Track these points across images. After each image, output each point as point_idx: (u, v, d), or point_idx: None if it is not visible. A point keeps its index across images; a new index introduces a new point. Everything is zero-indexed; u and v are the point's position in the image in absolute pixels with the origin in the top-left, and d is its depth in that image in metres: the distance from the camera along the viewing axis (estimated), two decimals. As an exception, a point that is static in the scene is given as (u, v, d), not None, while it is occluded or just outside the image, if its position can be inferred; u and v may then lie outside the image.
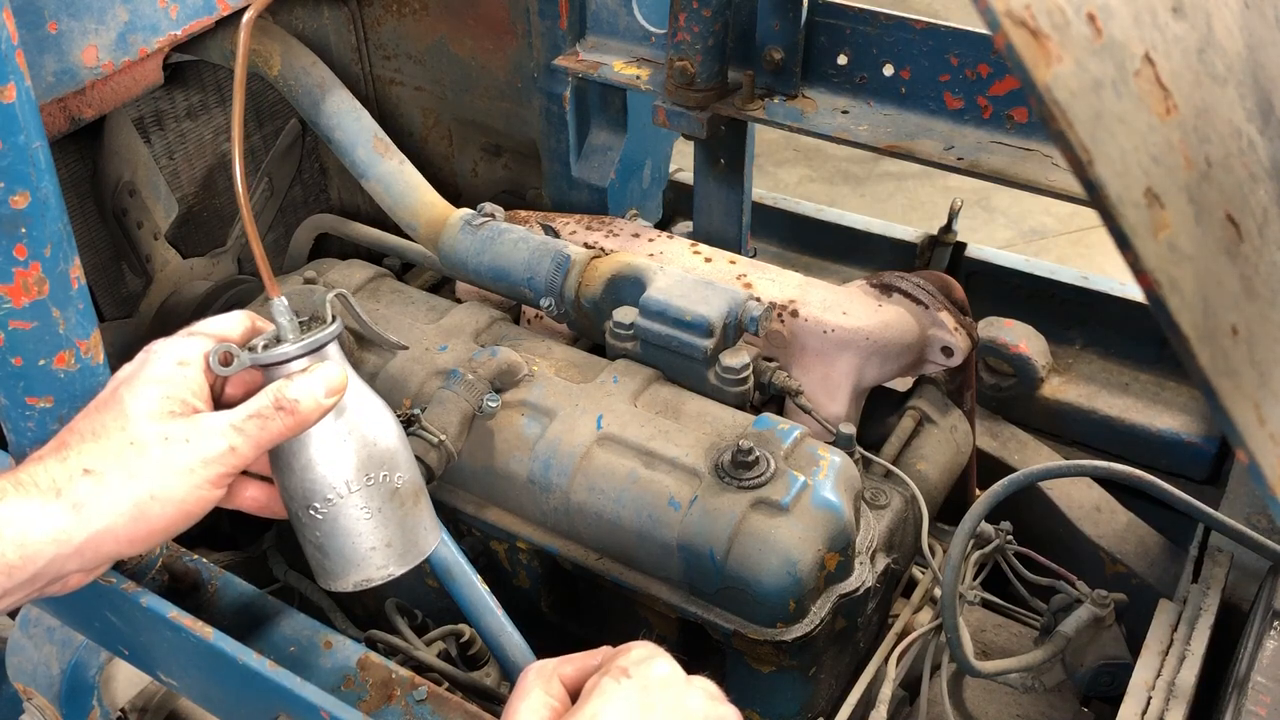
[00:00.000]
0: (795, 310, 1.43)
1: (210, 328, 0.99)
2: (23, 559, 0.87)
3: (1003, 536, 1.44)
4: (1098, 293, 1.76)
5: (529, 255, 1.42)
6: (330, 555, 0.97)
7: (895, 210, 4.05)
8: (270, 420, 0.92)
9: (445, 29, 1.79)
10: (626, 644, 0.91)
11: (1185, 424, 1.68)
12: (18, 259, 0.93)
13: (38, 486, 0.88)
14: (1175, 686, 1.10)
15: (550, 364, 1.35)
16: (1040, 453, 1.68)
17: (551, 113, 1.73)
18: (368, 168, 1.53)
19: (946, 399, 1.53)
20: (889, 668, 1.30)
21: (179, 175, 1.75)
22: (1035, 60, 0.57)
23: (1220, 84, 0.73)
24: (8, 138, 0.88)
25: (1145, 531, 1.59)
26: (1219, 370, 0.66)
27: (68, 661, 1.27)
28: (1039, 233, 4.01)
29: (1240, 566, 1.24)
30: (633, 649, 0.89)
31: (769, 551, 1.14)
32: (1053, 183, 1.36)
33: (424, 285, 1.78)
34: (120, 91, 1.42)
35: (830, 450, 1.22)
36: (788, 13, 1.48)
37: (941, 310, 1.44)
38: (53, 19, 1.24)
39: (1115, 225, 0.60)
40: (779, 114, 1.52)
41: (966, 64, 1.42)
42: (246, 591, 1.15)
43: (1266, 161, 0.78)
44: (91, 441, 0.91)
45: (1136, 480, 1.22)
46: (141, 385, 0.93)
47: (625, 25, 1.65)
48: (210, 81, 1.73)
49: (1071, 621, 1.32)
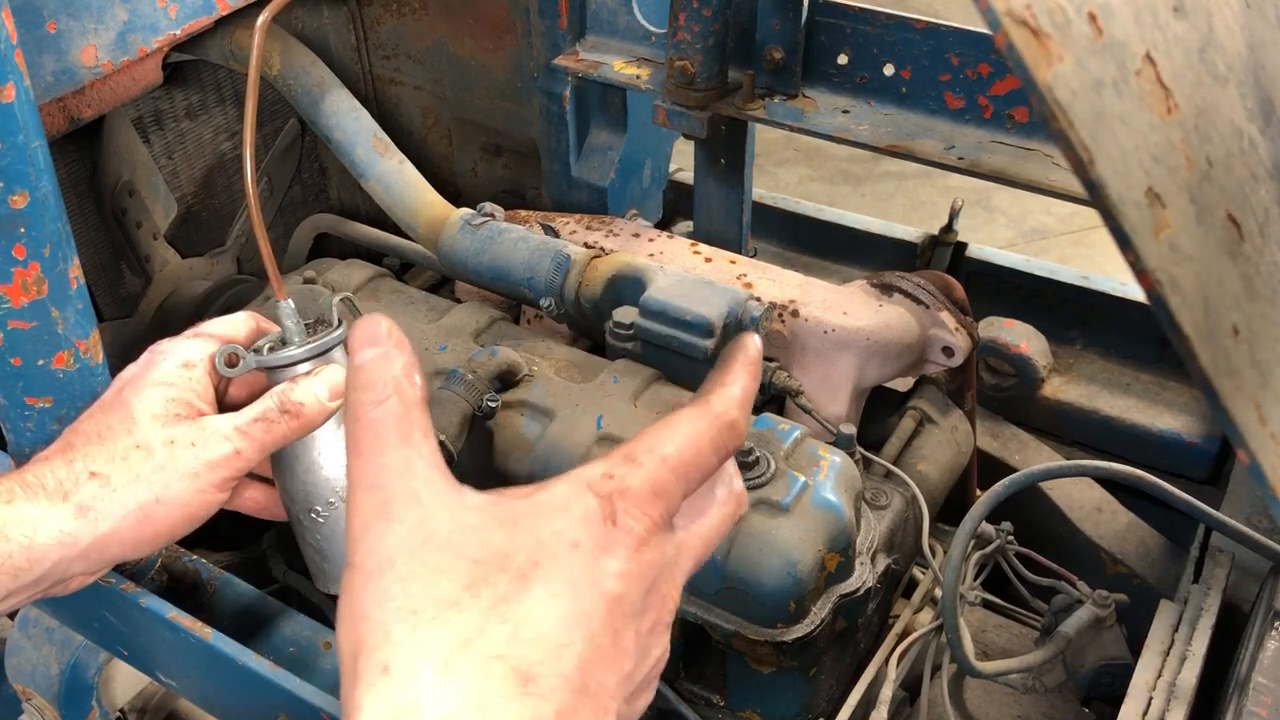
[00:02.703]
0: (795, 310, 1.42)
1: (215, 329, 0.99)
2: (29, 561, 0.87)
3: (1003, 537, 1.43)
4: (1098, 293, 1.75)
5: (529, 255, 1.42)
6: (330, 559, 0.97)
7: (896, 210, 4.05)
8: (275, 424, 0.92)
9: (445, 29, 1.79)
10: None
11: (1186, 424, 1.68)
12: (17, 259, 0.93)
13: (44, 489, 0.89)
14: (1176, 687, 1.10)
15: (550, 364, 1.35)
16: (1041, 453, 1.68)
17: (551, 112, 1.73)
18: (367, 167, 1.53)
19: (947, 399, 1.53)
20: (889, 668, 1.30)
21: (178, 175, 1.75)
22: (1036, 60, 0.57)
23: (1221, 83, 0.73)
24: (7, 137, 0.88)
25: (1146, 532, 1.59)
26: (1220, 370, 0.66)
27: (67, 662, 1.27)
28: (1040, 233, 4.01)
29: (1241, 567, 1.24)
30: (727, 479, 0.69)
31: (769, 552, 1.13)
32: (1053, 182, 1.36)
33: (424, 285, 1.78)
34: (119, 91, 1.42)
35: (831, 450, 1.22)
36: (788, 12, 1.48)
37: (942, 310, 1.44)
38: (52, 19, 1.24)
39: (1116, 225, 0.60)
40: (779, 114, 1.52)
41: (967, 64, 1.42)
42: (246, 592, 1.15)
43: (1268, 161, 0.78)
44: (97, 444, 0.91)
45: (1137, 480, 1.22)
46: (147, 387, 0.93)
47: (625, 25, 1.65)
48: (210, 81, 1.73)
49: (1072, 622, 1.32)
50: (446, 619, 0.55)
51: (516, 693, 0.54)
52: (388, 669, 0.54)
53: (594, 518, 0.59)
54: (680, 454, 0.63)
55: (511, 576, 0.57)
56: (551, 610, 0.56)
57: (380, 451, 0.61)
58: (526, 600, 0.56)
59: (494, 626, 0.55)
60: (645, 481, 0.61)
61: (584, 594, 0.57)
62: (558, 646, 0.56)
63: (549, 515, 0.60)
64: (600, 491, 0.61)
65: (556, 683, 0.55)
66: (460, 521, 0.59)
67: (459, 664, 0.54)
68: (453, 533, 0.58)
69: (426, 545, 0.57)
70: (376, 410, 0.61)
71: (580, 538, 0.59)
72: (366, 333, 0.64)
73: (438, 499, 0.59)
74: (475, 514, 0.60)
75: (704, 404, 0.65)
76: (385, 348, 0.63)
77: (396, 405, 0.62)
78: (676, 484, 0.63)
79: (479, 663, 0.54)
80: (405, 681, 0.54)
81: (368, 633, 0.56)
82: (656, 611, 0.62)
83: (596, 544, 0.59)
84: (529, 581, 0.57)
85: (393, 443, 0.61)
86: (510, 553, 0.58)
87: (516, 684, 0.54)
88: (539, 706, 0.54)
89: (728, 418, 0.65)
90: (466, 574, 0.56)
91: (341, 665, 0.58)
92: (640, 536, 0.60)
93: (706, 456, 0.64)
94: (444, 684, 0.53)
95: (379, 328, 0.64)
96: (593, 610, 0.57)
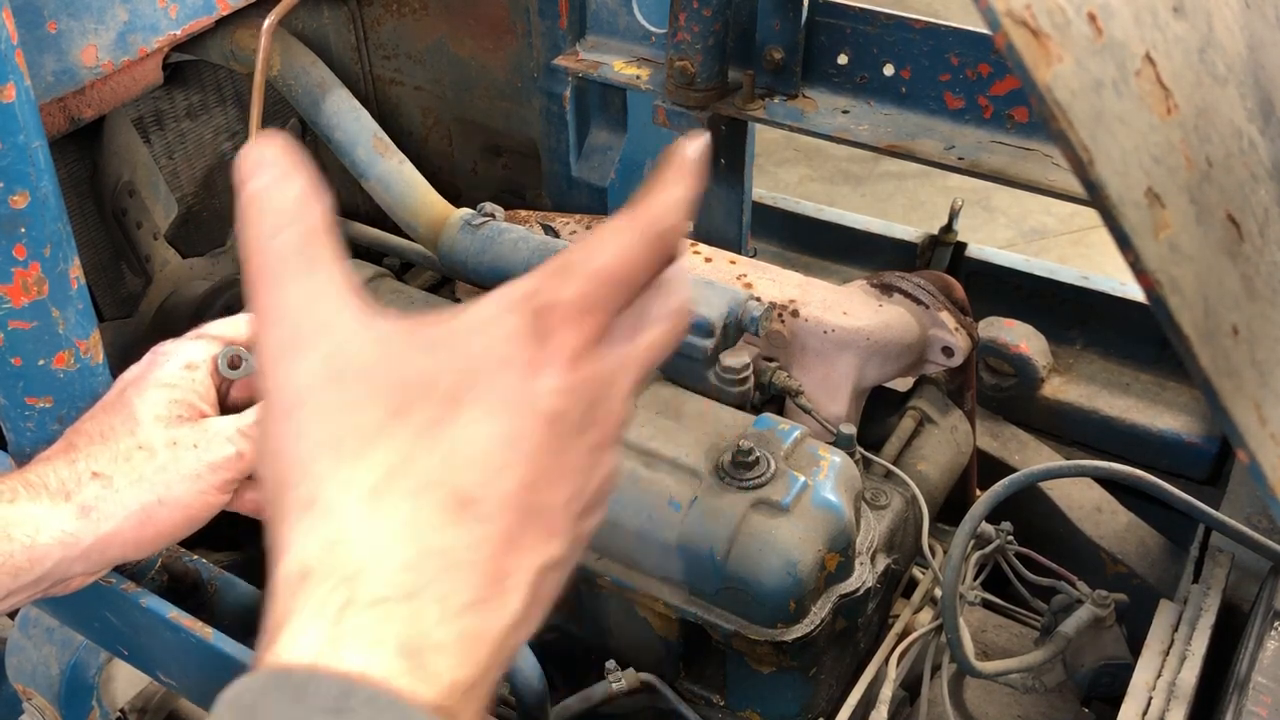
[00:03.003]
0: (795, 310, 1.43)
1: (217, 330, 0.99)
2: (30, 560, 0.87)
3: (1003, 537, 1.43)
4: (1098, 293, 1.75)
5: (529, 255, 1.42)
6: None
7: (895, 210, 4.04)
8: None
9: (445, 29, 1.79)
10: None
11: (1186, 424, 1.68)
12: (17, 259, 0.93)
13: (47, 489, 0.89)
14: (1176, 687, 1.10)
15: (550, 364, 1.35)
16: (1041, 453, 1.68)
17: (551, 113, 1.73)
18: (367, 167, 1.53)
19: (947, 399, 1.53)
20: (889, 668, 1.30)
21: (179, 175, 1.75)
22: (1036, 60, 0.57)
23: (1221, 84, 0.73)
24: (7, 138, 0.88)
25: (1146, 532, 1.59)
26: (1220, 370, 0.66)
27: (67, 662, 1.27)
28: (1039, 233, 4.01)
29: (1241, 567, 1.24)
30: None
31: (769, 552, 1.13)
32: (1053, 182, 1.36)
33: (424, 285, 1.78)
34: (120, 91, 1.42)
35: (830, 450, 1.22)
36: (788, 12, 1.48)
37: (942, 310, 1.44)
38: (52, 19, 1.24)
39: (1116, 225, 0.60)
40: (779, 114, 1.52)
41: (967, 64, 1.42)
42: (246, 592, 1.15)
43: (1267, 161, 0.78)
44: (100, 444, 0.91)
45: (1137, 480, 1.22)
46: (149, 388, 0.93)
47: (625, 25, 1.65)
48: (210, 81, 1.73)
49: (1072, 622, 1.32)
50: (372, 448, 0.52)
51: (455, 518, 0.51)
52: (312, 503, 0.52)
53: (524, 334, 0.55)
54: (609, 266, 0.57)
55: (439, 400, 0.53)
56: (486, 430, 0.53)
57: (284, 283, 0.56)
58: (457, 423, 0.53)
59: (424, 453, 0.52)
60: (575, 295, 0.56)
61: (520, 413, 0.54)
62: (496, 468, 0.53)
63: (475, 335, 0.55)
64: (527, 308, 0.56)
65: (497, 505, 0.52)
66: (379, 348, 0.55)
67: (390, 493, 0.51)
68: (371, 360, 0.55)
69: (343, 374, 0.54)
70: (275, 239, 0.57)
71: (510, 355, 0.54)
72: (256, 157, 0.58)
73: (351, 326, 0.56)
74: (395, 340, 0.56)
75: (635, 213, 0.60)
76: (278, 171, 0.57)
77: (296, 232, 0.57)
78: (609, 297, 0.58)
79: (411, 490, 0.51)
80: (332, 514, 0.51)
81: (288, 468, 0.53)
82: (601, 428, 0.58)
83: (528, 361, 0.55)
84: (459, 405, 0.53)
85: (297, 272, 0.56)
86: (435, 375, 0.54)
87: (455, 509, 0.51)
88: (481, 530, 0.52)
89: (660, 225, 0.59)
90: (389, 401, 0.53)
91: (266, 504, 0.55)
92: (574, 350, 0.56)
93: (639, 268, 0.59)
94: (374, 514, 0.51)
95: (269, 151, 0.58)
96: (531, 429, 0.54)
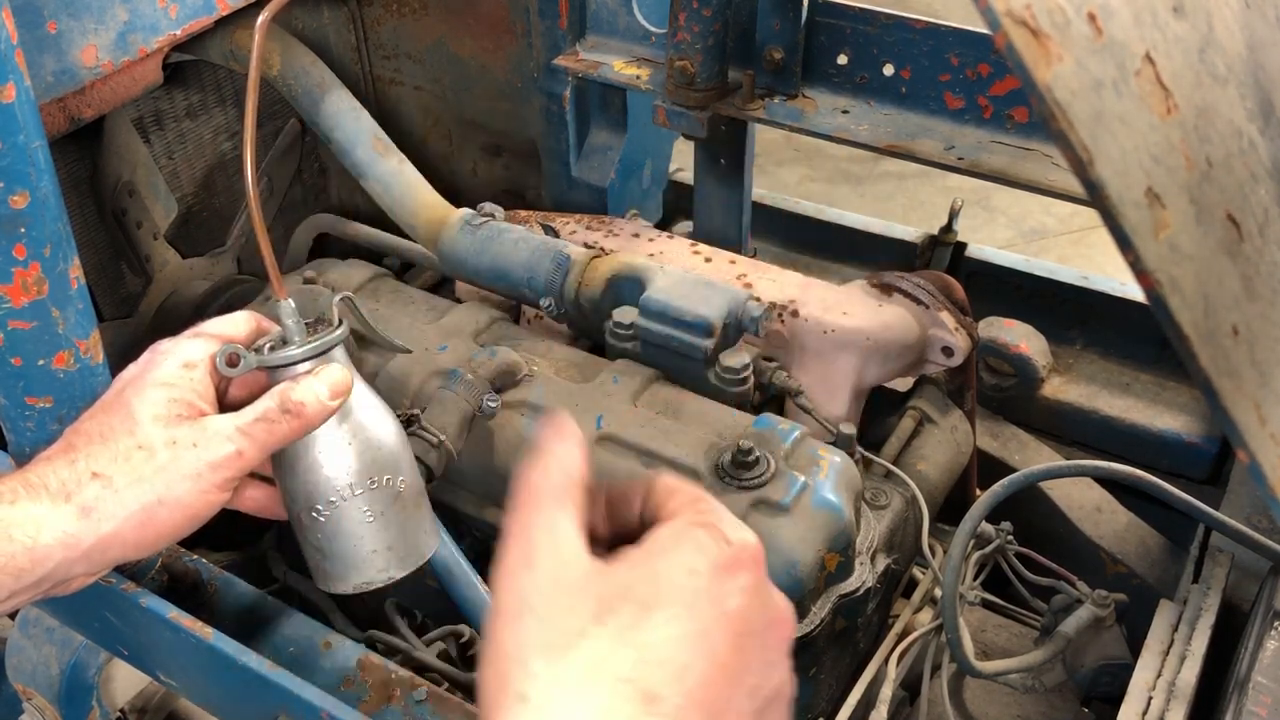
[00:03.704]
0: (795, 310, 1.43)
1: (215, 329, 0.99)
2: (32, 561, 0.87)
3: (1003, 537, 1.43)
4: (1098, 293, 1.75)
5: (529, 255, 1.42)
6: (331, 558, 0.97)
7: (895, 210, 4.04)
8: (276, 424, 0.92)
9: (445, 29, 1.79)
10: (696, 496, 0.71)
11: (1186, 424, 1.68)
12: (17, 259, 0.93)
13: (47, 489, 0.89)
14: (1176, 687, 1.10)
15: (550, 364, 1.35)
16: (1041, 453, 1.68)
17: (551, 113, 1.73)
18: (367, 168, 1.53)
19: (947, 399, 1.53)
20: (889, 668, 1.30)
21: (179, 175, 1.75)
22: (1036, 60, 0.57)
23: (1221, 84, 0.73)
24: (7, 138, 0.88)
25: (1146, 532, 1.59)
26: (1220, 370, 0.66)
27: (67, 662, 1.27)
28: (1039, 233, 4.01)
29: (1241, 567, 1.24)
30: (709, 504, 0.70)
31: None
32: (1053, 182, 1.36)
33: (424, 285, 1.78)
34: (120, 91, 1.42)
35: (830, 450, 1.22)
36: (788, 12, 1.48)
37: (942, 310, 1.44)
38: (52, 19, 1.24)
39: (1116, 225, 0.60)
40: (779, 114, 1.52)
41: (967, 64, 1.42)
42: (246, 592, 1.15)
43: (1267, 161, 0.78)
44: (99, 444, 0.91)
45: (1137, 480, 1.22)
46: (148, 388, 0.93)
47: (625, 25, 1.65)
48: (210, 81, 1.73)
49: (1072, 622, 1.32)
50: (577, 648, 0.60)
51: (642, 712, 0.58)
52: (526, 697, 0.59)
53: (705, 544, 0.64)
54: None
55: (634, 606, 0.62)
56: (672, 632, 0.61)
57: (534, 511, 0.68)
58: (648, 625, 0.61)
59: (620, 651, 0.60)
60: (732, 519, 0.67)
61: (704, 614, 0.62)
62: (680, 667, 0.60)
63: (663, 551, 0.65)
64: (702, 522, 0.66)
65: (680, 701, 0.59)
66: (588, 568, 0.65)
67: (590, 688, 0.59)
68: (581, 576, 0.64)
69: (558, 588, 0.63)
70: (543, 478, 0.69)
71: (696, 564, 0.63)
72: (559, 429, 0.72)
73: (573, 553, 0.65)
74: (601, 563, 0.65)
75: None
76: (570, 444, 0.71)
77: (560, 477, 0.69)
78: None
79: (607, 685, 0.59)
80: (542, 707, 0.59)
81: (509, 668, 0.61)
82: (777, 631, 0.66)
83: (713, 566, 0.63)
84: (650, 609, 0.61)
85: (547, 506, 0.68)
86: (632, 586, 0.63)
87: (642, 704, 0.58)
88: None
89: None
90: (594, 608, 0.62)
91: (480, 704, 0.62)
92: (755, 553, 0.66)
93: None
94: (577, 707, 0.58)
95: (568, 426, 0.72)
96: (713, 628, 0.62)
